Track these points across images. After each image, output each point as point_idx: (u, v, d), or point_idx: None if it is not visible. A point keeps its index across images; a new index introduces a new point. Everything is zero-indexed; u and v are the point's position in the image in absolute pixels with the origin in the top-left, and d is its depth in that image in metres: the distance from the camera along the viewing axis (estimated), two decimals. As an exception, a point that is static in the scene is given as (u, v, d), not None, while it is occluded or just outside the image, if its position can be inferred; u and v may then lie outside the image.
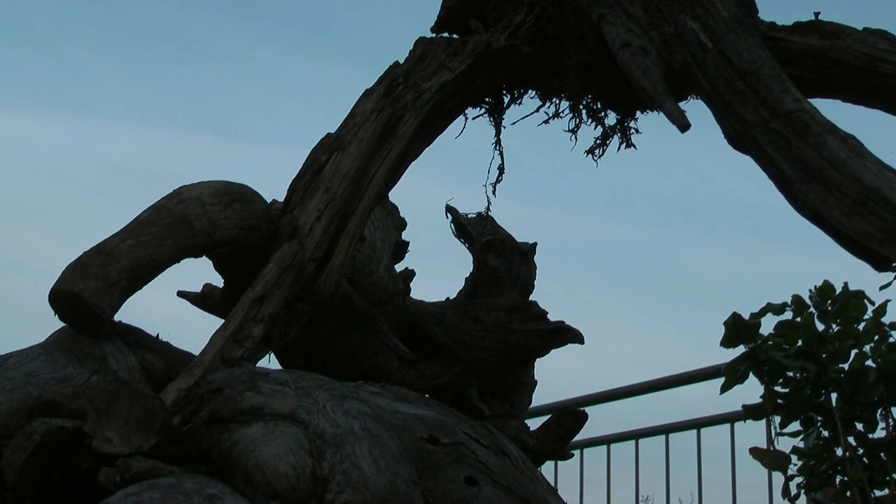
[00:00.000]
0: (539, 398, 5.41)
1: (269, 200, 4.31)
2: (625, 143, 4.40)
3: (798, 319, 4.66)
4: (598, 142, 4.40)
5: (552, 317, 4.76)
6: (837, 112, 3.87)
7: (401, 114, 4.12)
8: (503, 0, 4.49)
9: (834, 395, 4.42)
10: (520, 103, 4.51)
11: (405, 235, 5.18)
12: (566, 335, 4.74)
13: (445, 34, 4.64)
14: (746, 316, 4.69)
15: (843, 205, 3.10)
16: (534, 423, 5.00)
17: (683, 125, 3.53)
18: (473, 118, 4.50)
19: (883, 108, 3.74)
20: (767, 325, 4.75)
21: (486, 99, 4.49)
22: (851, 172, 3.10)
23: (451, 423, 3.29)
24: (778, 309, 4.79)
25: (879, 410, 4.20)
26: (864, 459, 3.83)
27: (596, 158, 4.38)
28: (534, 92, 4.50)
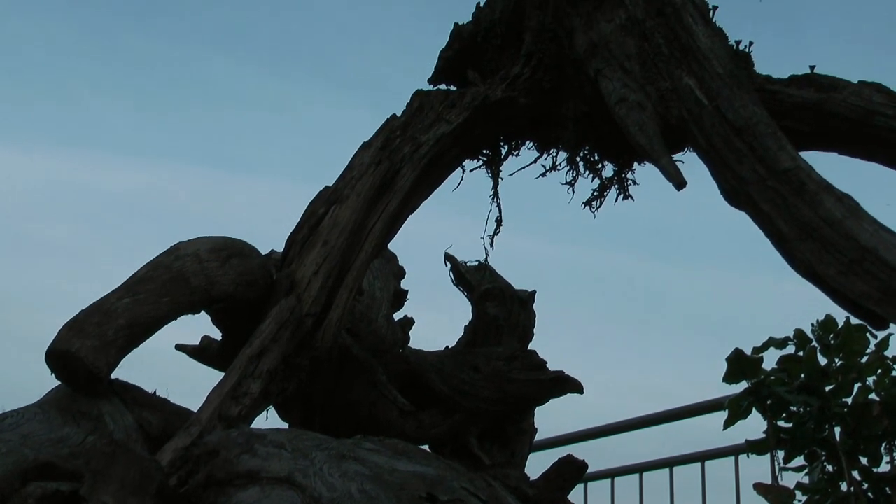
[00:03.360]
0: (542, 431, 5.41)
1: (267, 250, 4.32)
2: (622, 195, 4.41)
3: (801, 353, 4.66)
4: (595, 193, 4.40)
5: (556, 354, 4.77)
6: (834, 164, 3.87)
7: (398, 167, 4.13)
8: (500, 51, 4.51)
9: (838, 430, 4.41)
10: (517, 154, 4.52)
11: (404, 284, 5.18)
12: (565, 385, 4.74)
13: (443, 85, 4.66)
14: (749, 349, 4.70)
15: (840, 264, 3.09)
16: (536, 458, 5.02)
17: (679, 182, 3.54)
18: (471, 170, 4.50)
19: (879, 161, 3.75)
20: (770, 358, 4.75)
21: (484, 151, 4.49)
22: (847, 232, 3.10)
23: (449, 479, 3.27)
24: (780, 343, 4.79)
25: (884, 444, 4.19)
26: (869, 494, 3.83)
27: (593, 210, 4.39)
28: (531, 143, 4.51)
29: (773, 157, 3.38)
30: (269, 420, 3.97)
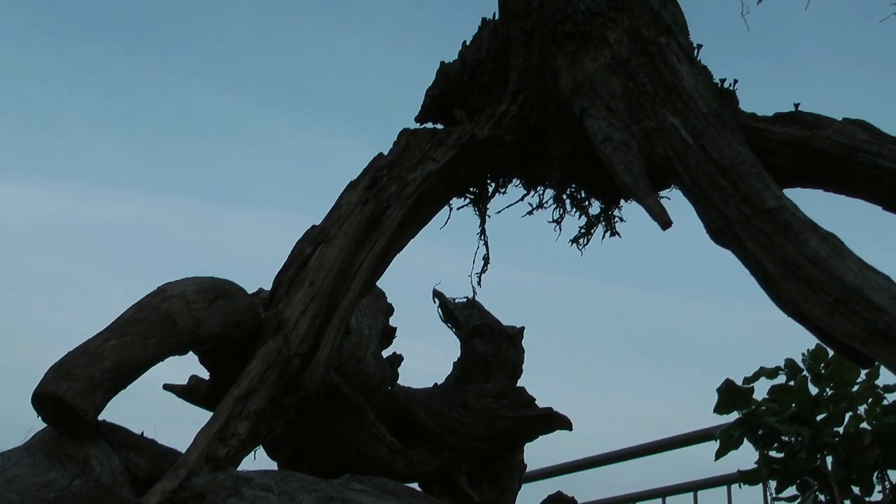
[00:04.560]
0: (534, 462, 5.41)
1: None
2: (609, 232, 4.41)
3: (792, 383, 4.67)
4: (582, 231, 4.41)
5: (546, 384, 4.77)
6: (819, 201, 3.89)
7: (385, 206, 4.13)
8: (486, 89, 4.53)
9: (829, 459, 4.42)
10: (504, 192, 4.53)
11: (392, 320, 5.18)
12: (554, 422, 4.75)
13: (430, 123, 4.68)
14: (740, 379, 4.72)
15: (825, 303, 3.10)
16: (528, 489, 5.01)
17: (665, 222, 3.55)
18: (458, 208, 4.52)
19: (863, 197, 3.76)
20: (761, 388, 4.76)
21: (471, 189, 4.50)
22: (832, 271, 3.10)
23: (436, 519, 3.27)
24: (771, 373, 4.81)
25: (876, 473, 4.20)
26: (862, 523, 3.82)
27: (581, 248, 4.39)
28: (518, 180, 4.52)
29: (758, 196, 3.39)
30: (257, 460, 3.96)
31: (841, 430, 4.51)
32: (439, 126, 4.65)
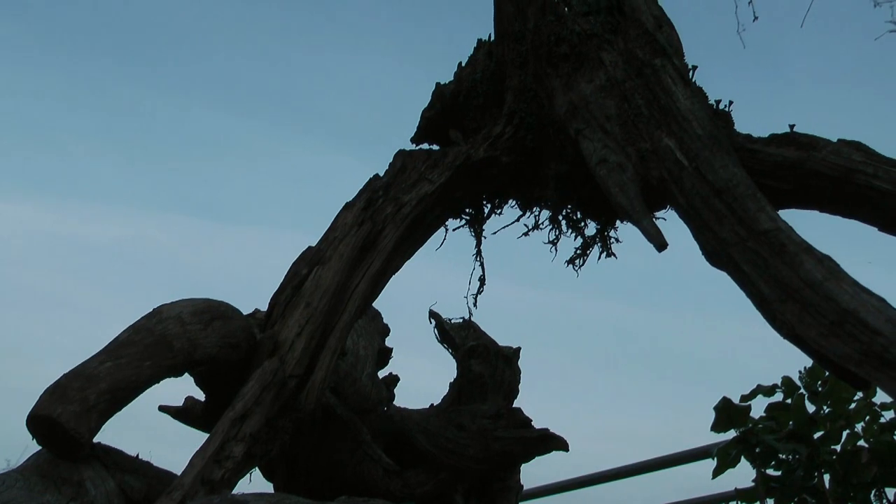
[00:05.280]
0: (531, 480, 5.40)
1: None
2: (605, 253, 4.42)
3: (789, 401, 4.67)
4: (578, 252, 4.41)
5: (543, 401, 4.77)
6: (815, 221, 3.89)
7: (381, 227, 4.13)
8: (482, 110, 4.54)
9: (827, 477, 4.41)
10: (500, 213, 4.54)
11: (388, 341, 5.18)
12: (551, 442, 4.75)
13: (425, 144, 4.68)
14: (737, 395, 4.71)
15: (821, 325, 3.09)
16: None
17: (660, 244, 3.55)
18: (454, 229, 4.52)
19: (859, 218, 3.76)
20: (758, 406, 4.75)
21: (467, 210, 4.50)
22: (828, 293, 3.10)
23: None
24: (768, 391, 4.81)
25: (873, 491, 4.18)
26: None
27: (576, 268, 4.39)
28: (514, 201, 4.52)
29: (753, 218, 3.39)
30: (252, 482, 3.95)
31: (838, 447, 4.50)
32: (435, 147, 4.66)
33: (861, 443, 4.45)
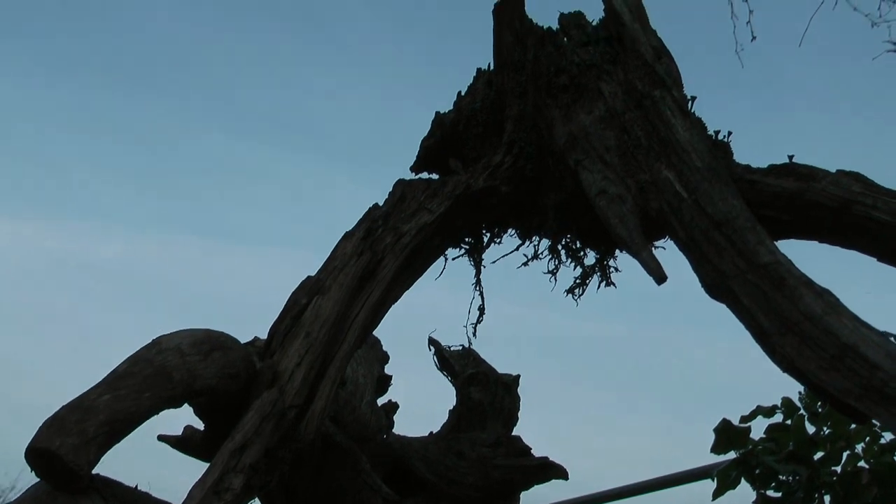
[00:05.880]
0: (529, 500, 5.39)
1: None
2: (605, 282, 4.42)
3: (789, 422, 4.67)
4: (577, 281, 4.41)
5: (542, 421, 4.77)
6: (814, 251, 3.90)
7: (380, 257, 4.13)
8: (481, 139, 4.55)
9: (827, 498, 4.41)
10: (499, 242, 4.54)
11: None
12: (550, 471, 4.76)
13: (425, 173, 4.69)
14: (736, 415, 4.71)
15: (821, 359, 3.10)
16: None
17: (660, 277, 3.56)
18: (454, 258, 4.52)
19: (858, 249, 3.77)
20: (757, 427, 4.75)
21: (467, 239, 4.51)
22: (827, 327, 3.11)
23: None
24: (768, 412, 4.81)
25: (874, 513, 4.18)
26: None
27: (576, 298, 4.40)
28: (513, 230, 4.53)
29: (753, 251, 3.40)
30: (252, 513, 3.95)
31: (839, 469, 4.51)
32: (435, 175, 4.67)
33: (861, 464, 4.46)
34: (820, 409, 4.62)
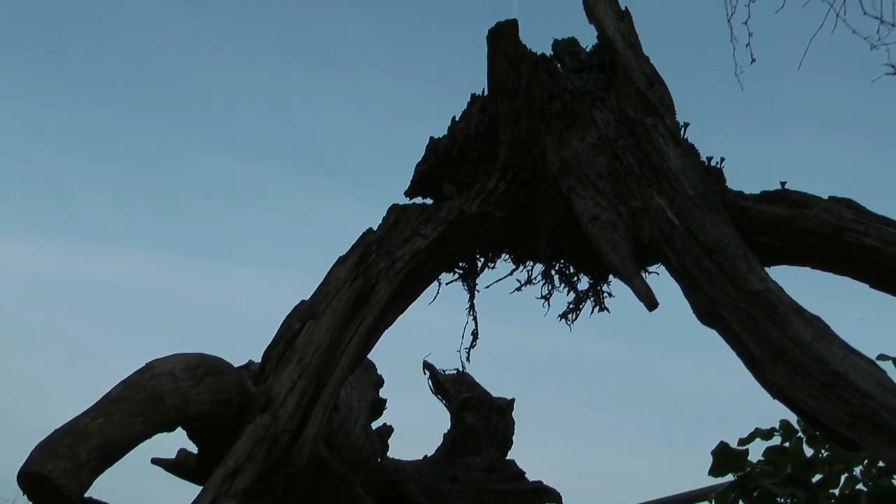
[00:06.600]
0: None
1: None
2: (598, 307, 4.43)
3: (787, 444, 4.67)
4: (570, 306, 4.42)
5: (539, 442, 4.78)
6: (806, 278, 3.91)
7: (374, 282, 4.14)
8: (475, 165, 4.56)
9: (826, 521, 4.40)
10: (493, 267, 4.55)
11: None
12: (544, 495, 4.75)
13: (419, 198, 4.70)
14: (734, 438, 4.71)
15: (811, 387, 3.11)
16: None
17: (651, 303, 3.57)
18: (447, 283, 4.52)
19: (850, 275, 3.78)
20: (755, 450, 4.75)
21: (460, 264, 4.52)
22: (818, 355, 3.11)
23: None
24: (766, 434, 4.82)
25: (872, 535, 4.17)
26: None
27: (569, 323, 4.40)
28: (507, 255, 4.54)
29: (744, 278, 3.41)
30: (244, 537, 3.94)
31: (837, 491, 4.51)
32: (429, 200, 4.68)
33: (860, 486, 4.46)
34: (818, 432, 4.63)
